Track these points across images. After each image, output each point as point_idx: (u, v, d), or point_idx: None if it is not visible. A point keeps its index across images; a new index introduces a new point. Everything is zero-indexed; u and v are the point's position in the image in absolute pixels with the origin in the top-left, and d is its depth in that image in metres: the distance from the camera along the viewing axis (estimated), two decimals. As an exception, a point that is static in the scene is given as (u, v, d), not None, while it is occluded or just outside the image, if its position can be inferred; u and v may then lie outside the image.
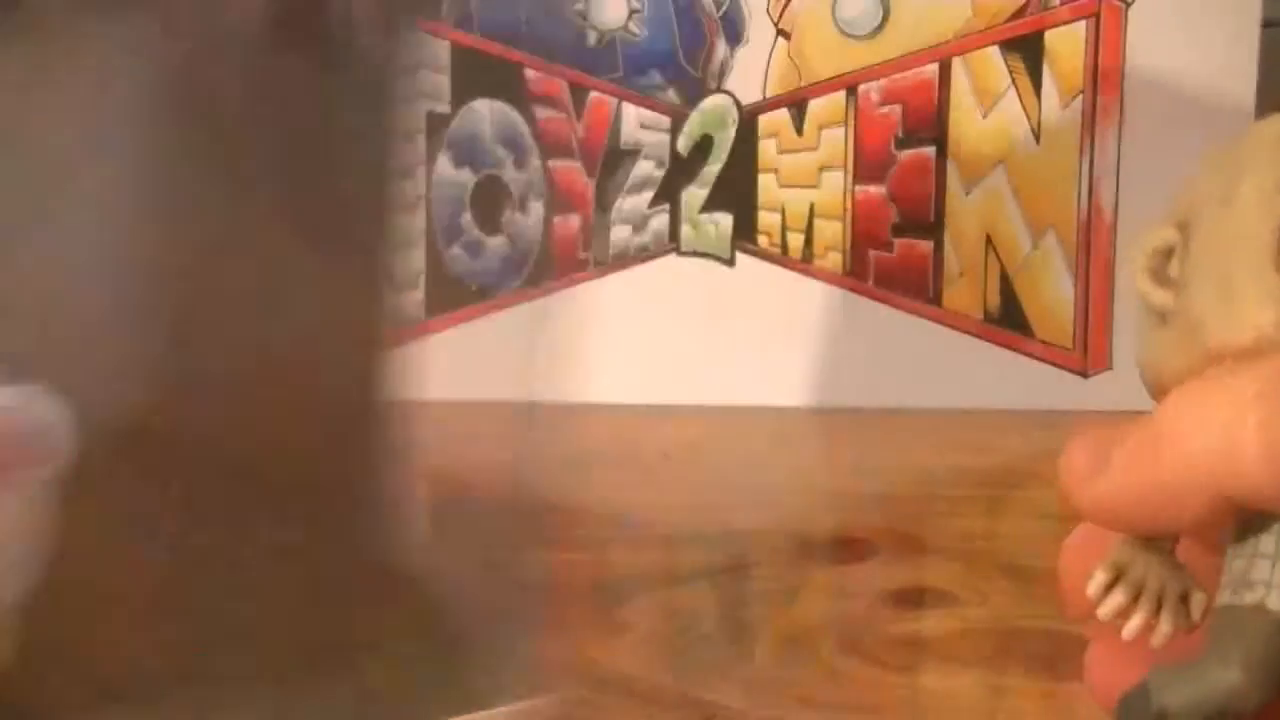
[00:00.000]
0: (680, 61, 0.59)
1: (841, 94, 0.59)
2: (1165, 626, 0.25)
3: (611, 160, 0.59)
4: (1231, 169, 0.26)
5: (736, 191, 0.59)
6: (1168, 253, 0.26)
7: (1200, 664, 0.24)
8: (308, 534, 0.30)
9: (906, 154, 0.59)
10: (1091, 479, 0.25)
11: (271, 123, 0.32)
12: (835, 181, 0.59)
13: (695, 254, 0.59)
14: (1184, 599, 0.25)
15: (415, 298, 0.60)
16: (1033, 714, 0.33)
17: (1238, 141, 0.26)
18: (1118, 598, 0.25)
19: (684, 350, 0.58)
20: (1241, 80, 0.58)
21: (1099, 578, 0.25)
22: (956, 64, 0.59)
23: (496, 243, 0.60)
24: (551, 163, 0.59)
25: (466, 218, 0.60)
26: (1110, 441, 0.25)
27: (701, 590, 0.38)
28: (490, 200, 0.60)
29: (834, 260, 0.59)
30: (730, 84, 0.59)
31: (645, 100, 0.59)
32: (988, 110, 0.59)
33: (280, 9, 0.31)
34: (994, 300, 0.59)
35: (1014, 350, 0.59)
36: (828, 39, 0.59)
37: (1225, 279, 0.25)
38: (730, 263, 0.60)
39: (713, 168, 0.59)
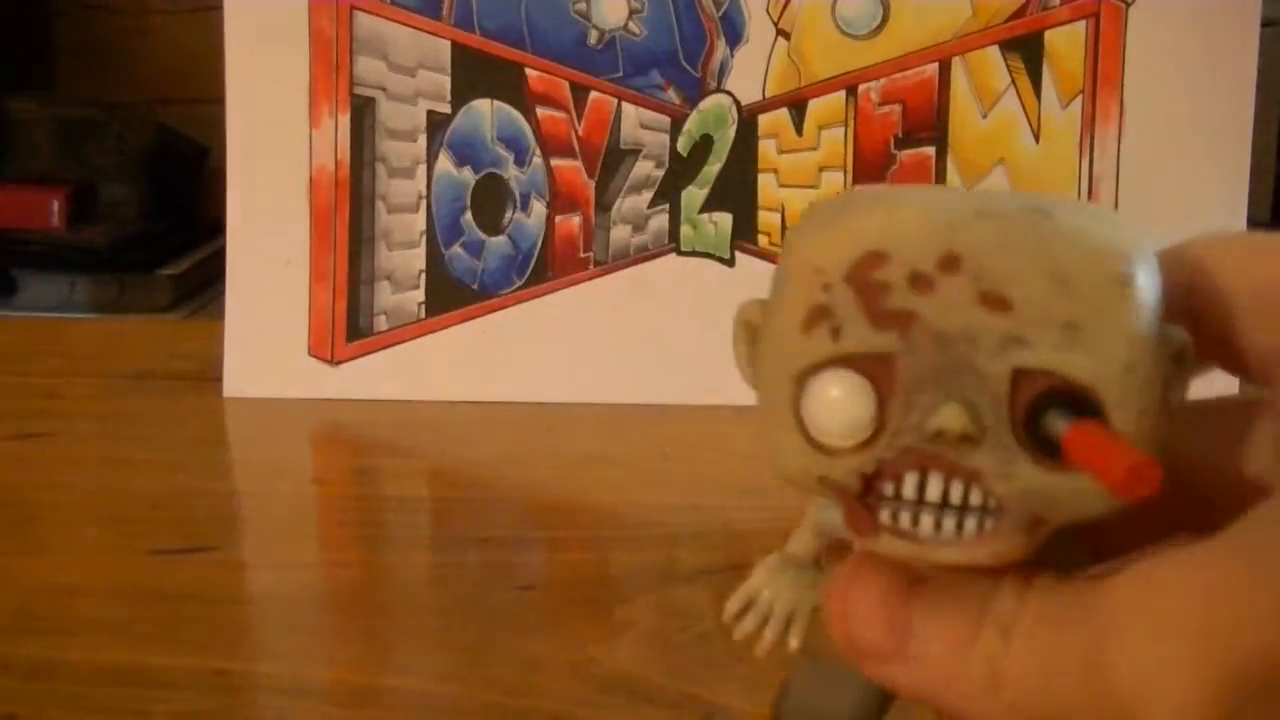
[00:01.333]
0: (680, 61, 0.59)
1: (841, 94, 0.59)
2: (794, 642, 0.28)
3: (611, 160, 0.59)
4: (784, 272, 0.25)
5: (736, 191, 0.59)
6: (756, 328, 0.26)
7: (822, 687, 0.30)
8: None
9: (906, 154, 0.59)
10: (901, 656, 0.23)
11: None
12: (835, 181, 0.59)
13: (695, 254, 0.59)
14: (819, 610, 0.28)
15: (415, 298, 0.60)
16: (1032, 714, 0.33)
17: (808, 228, 0.25)
18: (745, 626, 0.28)
19: (684, 350, 0.58)
20: (1241, 80, 0.58)
21: (730, 607, 0.28)
22: (956, 64, 0.59)
23: (497, 242, 0.60)
24: (552, 162, 0.60)
25: (467, 217, 0.60)
26: (898, 595, 0.23)
27: (701, 590, 0.38)
28: (491, 200, 0.60)
29: (834, 260, 0.59)
30: (730, 84, 0.59)
31: (645, 100, 0.59)
32: (988, 110, 0.59)
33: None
34: (994, 300, 0.59)
35: (1014, 350, 0.59)
36: (828, 39, 0.59)
37: (764, 410, 0.26)
38: (730, 262, 0.60)
39: (713, 168, 0.59)
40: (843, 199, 0.26)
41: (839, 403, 0.25)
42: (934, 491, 0.24)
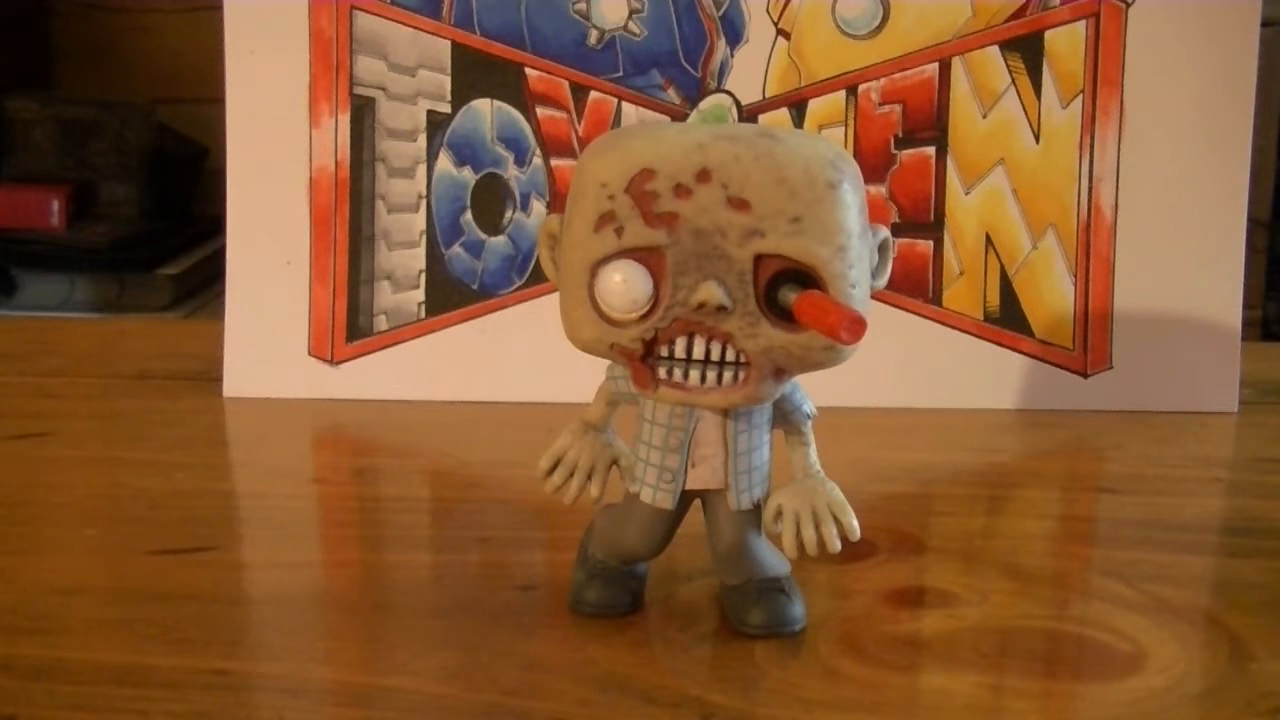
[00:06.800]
0: (680, 61, 0.59)
1: (841, 94, 0.59)
2: (595, 491, 0.36)
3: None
4: (577, 189, 0.32)
5: (736, 191, 0.59)
6: (556, 237, 0.33)
7: (617, 526, 0.36)
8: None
9: (906, 154, 0.59)
10: None
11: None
12: (835, 181, 0.59)
13: (695, 254, 0.59)
14: (615, 463, 0.36)
15: (415, 298, 0.60)
16: (1032, 714, 0.33)
17: (594, 154, 0.32)
18: (554, 480, 0.36)
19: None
20: (1241, 80, 0.58)
21: (541, 464, 0.36)
22: (956, 64, 0.59)
23: (497, 242, 0.60)
24: (553, 162, 0.60)
25: (467, 217, 0.60)
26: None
27: (701, 590, 0.38)
28: (491, 200, 0.60)
29: (834, 260, 0.59)
30: (730, 84, 0.59)
31: (645, 100, 0.59)
32: (988, 110, 0.59)
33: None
34: (994, 300, 0.59)
35: (1014, 350, 0.59)
36: (828, 39, 0.59)
37: (565, 295, 0.33)
38: (730, 262, 0.60)
39: (713, 167, 0.59)
40: (618, 132, 0.33)
41: (623, 285, 0.31)
42: (698, 351, 0.32)
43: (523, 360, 0.59)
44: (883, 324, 0.59)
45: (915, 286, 0.59)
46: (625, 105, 0.59)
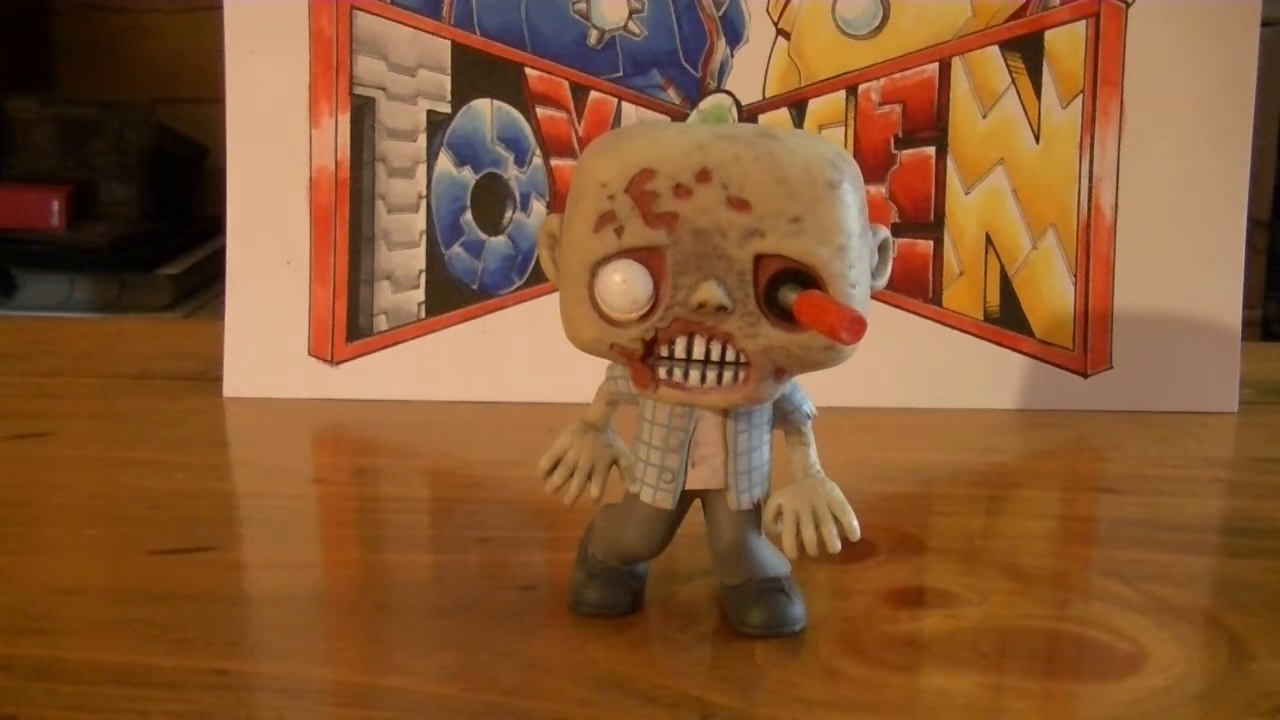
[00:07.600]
0: (680, 61, 0.59)
1: (841, 94, 0.59)
2: (595, 491, 0.36)
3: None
4: (577, 189, 0.32)
5: (736, 191, 0.59)
6: (556, 237, 0.34)
7: (617, 526, 0.36)
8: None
9: (906, 154, 0.59)
10: None
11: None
12: (835, 181, 0.59)
13: (695, 254, 0.59)
14: (615, 462, 0.36)
15: (415, 298, 0.60)
16: (1032, 714, 0.33)
17: (594, 154, 0.32)
18: (554, 480, 0.36)
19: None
20: (1241, 80, 0.58)
21: (541, 464, 0.36)
22: (956, 64, 0.59)
23: (497, 242, 0.60)
24: (553, 162, 0.60)
25: (467, 217, 0.60)
26: None
27: (701, 590, 0.38)
28: (491, 200, 0.60)
29: (834, 260, 0.59)
30: (730, 84, 0.59)
31: (645, 100, 0.59)
32: (988, 110, 0.59)
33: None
34: (994, 300, 0.59)
35: (1014, 350, 0.59)
36: (828, 39, 0.59)
37: (565, 296, 0.33)
38: (730, 262, 0.60)
39: (713, 167, 0.59)
40: (618, 132, 0.33)
41: (623, 285, 0.31)
42: (698, 351, 0.32)
43: (523, 360, 0.59)
44: (883, 324, 0.58)
45: (915, 286, 0.59)
46: (625, 105, 0.59)
